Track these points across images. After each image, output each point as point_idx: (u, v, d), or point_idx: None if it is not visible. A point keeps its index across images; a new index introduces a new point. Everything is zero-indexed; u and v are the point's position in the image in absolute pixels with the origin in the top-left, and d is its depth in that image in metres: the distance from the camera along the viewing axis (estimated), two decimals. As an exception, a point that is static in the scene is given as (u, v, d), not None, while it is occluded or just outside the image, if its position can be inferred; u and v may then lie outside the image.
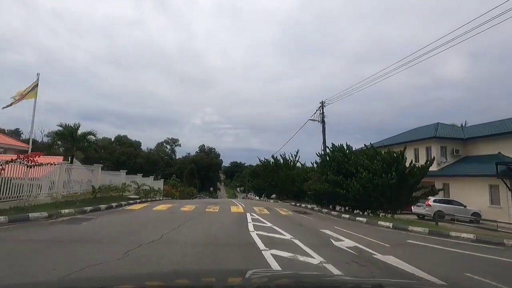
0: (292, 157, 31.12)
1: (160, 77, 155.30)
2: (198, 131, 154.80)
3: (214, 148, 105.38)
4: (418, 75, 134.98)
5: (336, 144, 17.44)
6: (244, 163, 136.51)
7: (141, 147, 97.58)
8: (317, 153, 18.98)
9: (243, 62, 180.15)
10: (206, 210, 13.35)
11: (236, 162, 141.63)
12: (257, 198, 46.49)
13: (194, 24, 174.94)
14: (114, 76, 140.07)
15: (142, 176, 25.38)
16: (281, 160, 31.79)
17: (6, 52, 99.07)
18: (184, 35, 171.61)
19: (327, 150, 18.36)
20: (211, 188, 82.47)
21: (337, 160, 16.10)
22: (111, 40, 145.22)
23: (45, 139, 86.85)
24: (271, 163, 32.54)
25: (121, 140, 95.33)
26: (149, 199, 19.50)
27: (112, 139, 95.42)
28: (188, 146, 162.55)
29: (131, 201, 15.98)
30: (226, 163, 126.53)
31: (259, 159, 33.38)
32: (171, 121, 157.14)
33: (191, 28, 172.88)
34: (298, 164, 31.64)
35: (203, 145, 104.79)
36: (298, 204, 22.08)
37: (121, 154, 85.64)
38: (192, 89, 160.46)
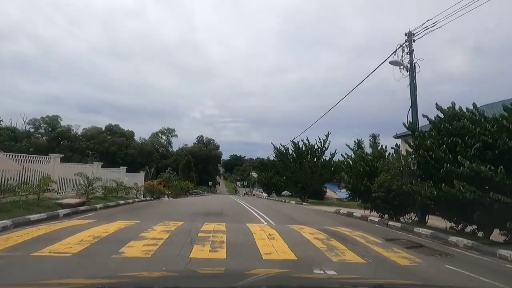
0: (320, 142, 22.50)
1: (160, 69, 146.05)
2: (197, 124, 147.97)
3: (213, 139, 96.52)
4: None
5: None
6: (244, 156, 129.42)
7: (135, 137, 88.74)
8: (405, 123, 10.32)
9: (244, 54, 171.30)
10: (194, 248, 4.85)
11: (235, 155, 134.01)
12: (265, 195, 38.03)
13: (194, 14, 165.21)
14: (113, 68, 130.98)
15: (104, 167, 16.73)
16: (304, 147, 23.14)
17: (3, 42, 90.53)
18: (184, 26, 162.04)
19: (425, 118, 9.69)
20: (210, 183, 74.01)
21: (477, 133, 7.47)
22: (110, 30, 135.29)
23: (27, 127, 78.32)
24: (290, 150, 23.88)
25: (112, 130, 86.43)
26: (100, 206, 10.92)
27: (103, 129, 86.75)
28: (187, 139, 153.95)
29: (35, 216, 7.39)
30: (225, 156, 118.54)
31: (274, 146, 24.73)
32: (171, 114, 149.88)
33: (192, 18, 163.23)
34: (327, 153, 23.08)
35: (201, 136, 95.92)
36: (351, 214, 13.56)
37: (111, 145, 76.88)
38: (192, 82, 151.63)
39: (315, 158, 22.32)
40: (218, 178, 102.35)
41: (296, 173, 22.47)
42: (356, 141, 23.84)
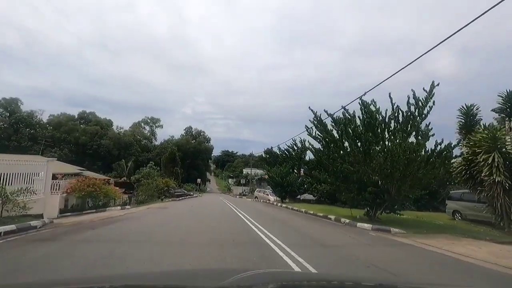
0: (417, 102, 10.80)
1: (150, 64, 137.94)
2: (188, 121, 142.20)
3: (204, 131, 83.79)
4: (409, 70, 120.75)
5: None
6: (236, 152, 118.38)
7: (113, 127, 75.47)
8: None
9: (236, 50, 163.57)
10: None
11: (227, 151, 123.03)
12: (273, 198, 26.31)
13: (186, 9, 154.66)
14: (102, 62, 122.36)
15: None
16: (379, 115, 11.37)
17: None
18: (176, 22, 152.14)
19: None
20: (199, 180, 61.78)
21: None
22: (99, 23, 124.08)
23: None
24: (342, 126, 12.00)
25: (87, 118, 72.92)
26: None
27: (76, 116, 73.11)
28: (176, 135, 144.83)
29: None
30: (216, 152, 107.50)
31: (314, 114, 12.72)
32: (161, 110, 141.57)
33: (184, 14, 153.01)
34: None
35: (190, 127, 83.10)
36: None
37: (82, 134, 63.55)
38: (183, 77, 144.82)
39: (406, 135, 10.69)
40: (208, 175, 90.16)
41: (366, 166, 10.82)
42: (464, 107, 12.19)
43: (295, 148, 25.54)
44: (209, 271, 2.46)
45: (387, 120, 11.25)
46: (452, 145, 10.81)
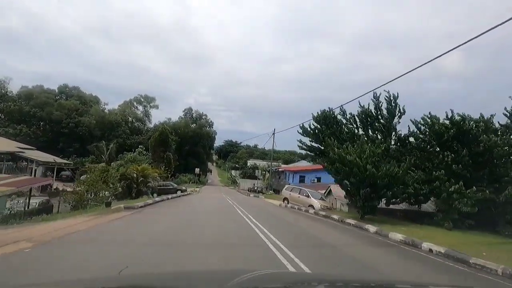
0: None
1: (153, 53, 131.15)
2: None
3: (205, 115, 70.46)
4: (414, 65, 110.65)
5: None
6: (240, 143, 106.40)
7: (99, 104, 62.74)
8: None
9: (240, 42, 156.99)
10: None
11: (231, 140, 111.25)
12: (321, 206, 13.58)
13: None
14: (105, 49, 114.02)
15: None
16: None
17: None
18: (180, 11, 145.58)
19: None
20: (197, 169, 49.22)
21: None
22: (102, 10, 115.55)
23: None
24: None
25: (69, 93, 60.07)
26: None
27: (56, 90, 60.34)
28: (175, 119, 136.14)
29: None
30: (218, 142, 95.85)
31: None
32: (163, 99, 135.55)
33: (188, 3, 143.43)
34: None
35: (190, 109, 69.96)
36: None
37: (57, 109, 50.82)
38: (186, 67, 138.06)
39: None
40: (210, 165, 77.66)
41: None
42: None
43: (378, 111, 12.84)
44: (214, 273, 2.42)
45: None
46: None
